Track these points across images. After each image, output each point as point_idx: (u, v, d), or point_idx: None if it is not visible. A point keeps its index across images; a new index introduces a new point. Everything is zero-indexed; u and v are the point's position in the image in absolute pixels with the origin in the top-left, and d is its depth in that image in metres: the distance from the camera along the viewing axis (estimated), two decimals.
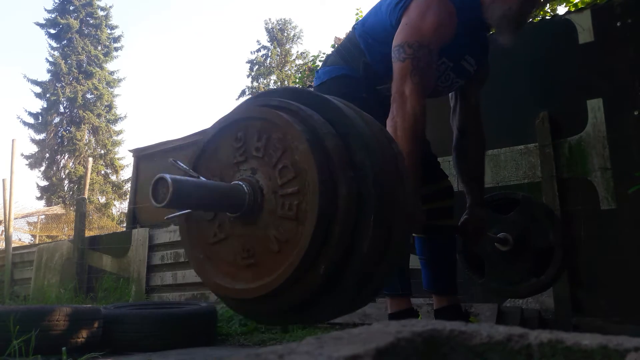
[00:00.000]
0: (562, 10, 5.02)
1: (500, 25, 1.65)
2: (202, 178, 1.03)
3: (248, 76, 26.00)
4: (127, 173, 22.58)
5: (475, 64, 1.80)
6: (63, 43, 23.44)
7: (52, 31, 23.51)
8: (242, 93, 24.97)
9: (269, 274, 0.95)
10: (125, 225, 6.92)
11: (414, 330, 0.47)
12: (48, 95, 22.89)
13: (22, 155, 22.62)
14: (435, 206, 1.80)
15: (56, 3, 23.70)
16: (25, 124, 23.18)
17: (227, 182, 1.03)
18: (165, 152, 5.69)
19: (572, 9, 3.75)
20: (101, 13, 24.10)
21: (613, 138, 2.67)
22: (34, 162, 23.01)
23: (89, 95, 23.16)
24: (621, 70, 2.71)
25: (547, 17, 4.38)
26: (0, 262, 6.96)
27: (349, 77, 1.81)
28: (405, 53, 1.54)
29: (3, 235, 6.87)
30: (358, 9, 8.17)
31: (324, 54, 8.74)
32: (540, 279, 1.88)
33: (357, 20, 1.94)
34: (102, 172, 22.94)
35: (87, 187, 6.91)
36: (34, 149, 23.17)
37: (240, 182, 1.00)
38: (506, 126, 2.97)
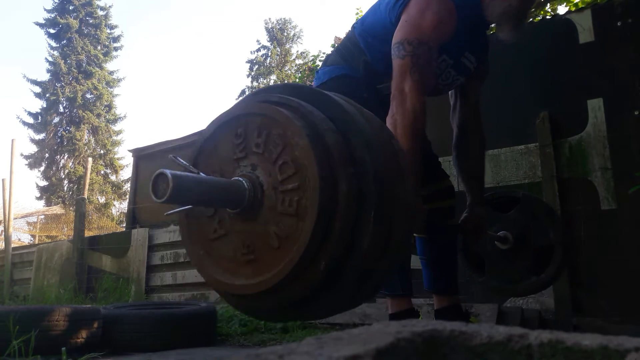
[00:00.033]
0: (563, 9, 5.02)
1: (501, 22, 1.65)
2: (202, 174, 1.02)
3: (248, 76, 26.04)
4: (126, 173, 22.60)
5: (475, 61, 1.80)
6: (62, 43, 23.43)
7: (52, 31, 23.49)
8: (242, 93, 24.96)
9: (269, 270, 0.95)
10: (124, 225, 6.92)
11: (414, 331, 0.47)
12: (47, 95, 22.88)
13: (22, 155, 22.63)
14: (436, 206, 1.80)
15: (56, 3, 23.68)
16: (25, 123, 23.18)
17: (227, 178, 1.02)
18: (164, 152, 5.68)
19: (573, 9, 3.75)
20: (101, 13, 24.09)
21: (613, 138, 2.67)
22: (33, 162, 23.00)
23: (88, 95, 23.15)
24: (622, 70, 2.70)
25: (548, 17, 4.38)
26: (0, 262, 6.96)
27: (349, 76, 1.81)
28: (405, 50, 1.53)
29: (3, 236, 6.86)
30: (358, 9, 8.18)
31: (324, 53, 8.73)
32: (541, 277, 1.88)
33: (356, 20, 1.93)
34: (102, 172, 22.94)
35: (87, 187, 6.90)
36: (33, 148, 23.19)
37: (240, 178, 0.99)
38: (506, 126, 2.97)
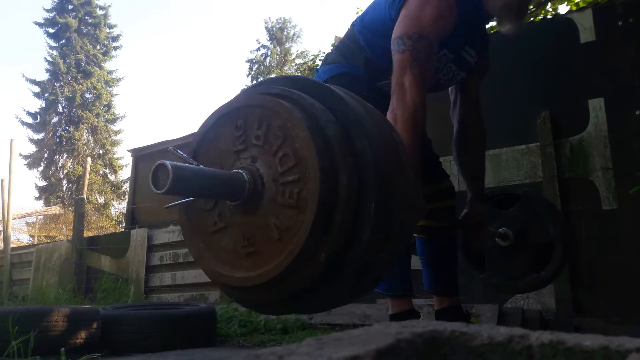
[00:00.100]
0: (564, 9, 5.02)
1: (502, 15, 1.64)
2: (202, 166, 1.02)
3: (248, 75, 25.99)
4: (125, 173, 22.56)
5: (476, 55, 1.79)
6: (62, 42, 23.40)
7: (51, 30, 23.46)
8: None
9: (269, 262, 0.94)
10: (124, 225, 6.91)
11: (415, 331, 0.47)
12: (47, 95, 22.86)
13: (21, 155, 22.60)
14: (436, 206, 1.79)
15: (55, 2, 23.64)
16: (24, 123, 23.15)
17: (227, 170, 1.02)
18: (164, 152, 5.67)
19: (574, 8, 3.75)
20: (100, 12, 24.05)
21: (614, 138, 2.67)
22: (32, 162, 22.98)
23: (87, 95, 23.12)
24: (623, 69, 2.70)
25: (549, 16, 4.38)
26: None
27: (349, 75, 1.80)
28: (405, 45, 1.53)
29: (1, 236, 6.84)
30: (358, 8, 8.16)
31: (324, 53, 8.70)
32: (541, 274, 1.87)
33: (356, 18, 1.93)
34: (101, 172, 22.91)
35: (86, 187, 6.89)
36: (32, 148, 23.16)
37: (240, 170, 0.99)
38: (507, 126, 2.96)
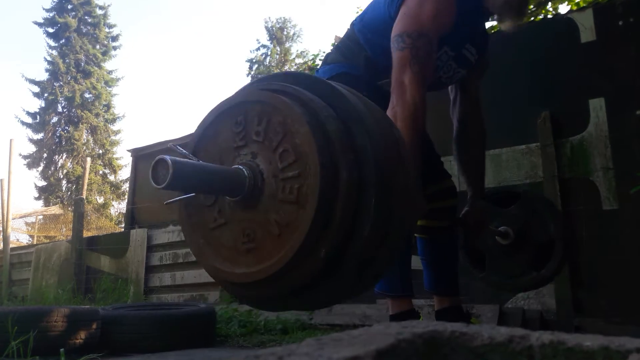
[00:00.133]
0: (564, 9, 5.01)
1: (502, 12, 1.64)
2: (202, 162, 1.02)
3: (247, 75, 25.97)
4: (125, 173, 22.55)
5: (476, 52, 1.79)
6: (61, 42, 23.38)
7: (50, 30, 23.45)
8: None
9: (269, 257, 0.94)
10: (123, 225, 6.90)
11: (415, 332, 0.47)
12: (46, 95, 22.85)
13: (20, 155, 22.59)
14: (437, 206, 1.79)
15: (54, 2, 23.63)
16: (23, 123, 23.14)
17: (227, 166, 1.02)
18: (163, 152, 5.64)
19: (574, 8, 3.75)
20: (99, 12, 24.04)
21: (615, 138, 2.66)
22: (31, 162, 22.97)
23: (87, 95, 23.10)
24: (623, 69, 2.70)
25: (549, 16, 4.37)
26: None
27: (349, 74, 1.80)
28: (405, 42, 1.53)
29: (1, 236, 6.84)
30: (358, 8, 8.15)
31: (324, 52, 8.70)
32: (541, 272, 1.87)
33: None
34: (101, 172, 22.89)
35: (85, 187, 6.89)
36: (32, 148, 23.15)
37: (240, 166, 0.99)
38: (507, 126, 2.95)
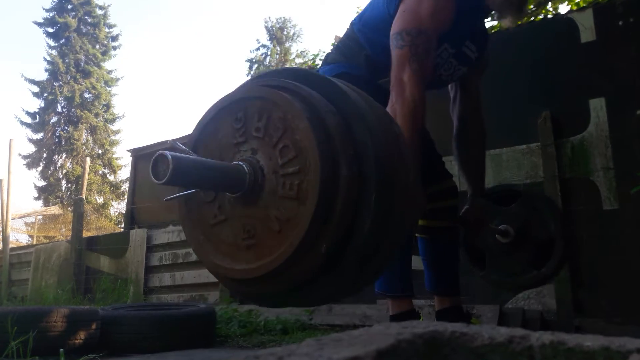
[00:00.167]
0: (564, 9, 5.00)
1: (503, 9, 1.65)
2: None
3: (247, 75, 25.97)
4: (125, 173, 22.54)
5: (476, 50, 1.79)
6: (61, 42, 23.38)
7: (50, 30, 23.45)
8: None
9: (269, 253, 0.94)
10: (123, 225, 6.90)
11: (415, 332, 0.47)
12: (46, 95, 22.84)
13: (20, 155, 22.58)
14: (438, 206, 1.78)
15: (54, 2, 23.64)
16: (23, 123, 23.14)
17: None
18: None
19: (574, 8, 3.75)
20: (99, 12, 24.03)
21: (615, 138, 2.66)
22: (31, 162, 22.96)
23: (86, 95, 23.10)
24: (623, 69, 2.69)
25: (549, 16, 4.37)
26: None
27: (349, 74, 1.79)
28: (404, 40, 1.53)
29: (0, 236, 6.83)
30: (358, 7, 8.15)
31: (324, 52, 8.69)
32: (542, 271, 1.87)
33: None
34: (100, 172, 22.89)
35: (85, 187, 6.88)
36: (31, 148, 23.14)
37: (240, 162, 0.99)
38: (508, 126, 2.95)
